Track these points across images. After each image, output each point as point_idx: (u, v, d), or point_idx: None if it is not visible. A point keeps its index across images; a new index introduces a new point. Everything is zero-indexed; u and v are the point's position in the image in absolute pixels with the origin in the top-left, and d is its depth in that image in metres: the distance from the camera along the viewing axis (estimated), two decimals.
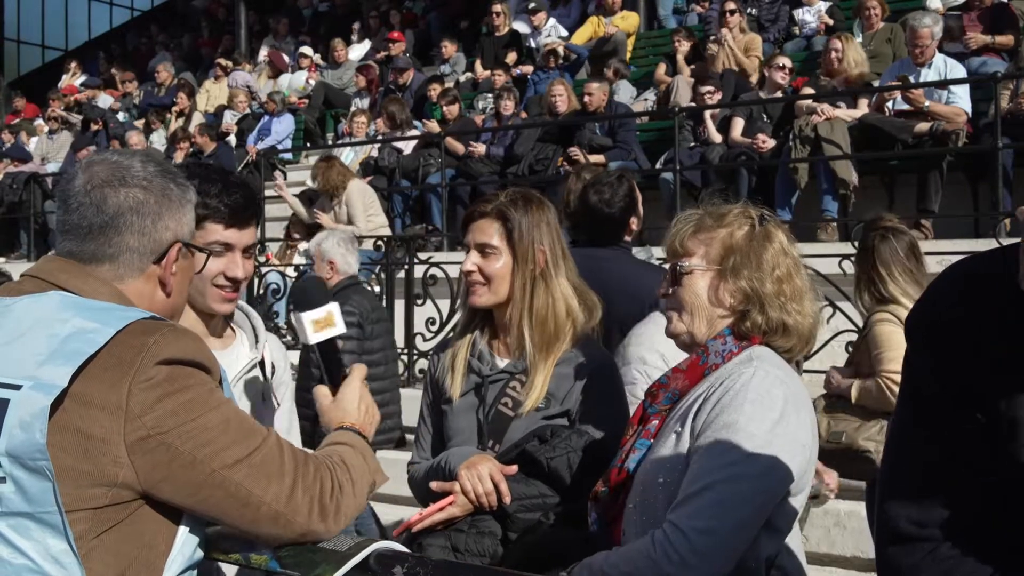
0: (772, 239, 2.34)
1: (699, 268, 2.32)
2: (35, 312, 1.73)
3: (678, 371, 2.36)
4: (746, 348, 2.29)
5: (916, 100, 7.89)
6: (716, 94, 9.58)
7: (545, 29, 12.87)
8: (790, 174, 8.30)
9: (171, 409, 1.67)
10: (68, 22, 27.53)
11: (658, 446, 2.29)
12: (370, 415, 2.12)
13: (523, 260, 2.77)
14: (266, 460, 1.76)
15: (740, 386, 2.17)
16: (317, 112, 14.23)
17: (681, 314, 2.34)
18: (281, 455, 1.78)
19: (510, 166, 10.21)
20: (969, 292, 1.47)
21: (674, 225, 2.42)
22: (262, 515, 1.74)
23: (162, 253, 1.89)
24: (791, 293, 2.31)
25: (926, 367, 1.48)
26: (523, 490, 2.63)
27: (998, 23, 9.20)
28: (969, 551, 1.42)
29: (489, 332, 2.89)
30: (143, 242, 1.86)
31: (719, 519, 2.08)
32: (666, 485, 2.20)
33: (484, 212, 2.83)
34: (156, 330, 1.72)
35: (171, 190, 1.91)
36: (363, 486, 1.91)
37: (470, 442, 2.80)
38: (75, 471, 1.62)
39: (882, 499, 1.52)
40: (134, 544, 1.69)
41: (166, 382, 1.68)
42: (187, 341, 1.75)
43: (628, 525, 2.29)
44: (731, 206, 2.40)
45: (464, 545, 2.61)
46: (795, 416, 2.17)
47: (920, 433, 1.48)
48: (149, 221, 1.86)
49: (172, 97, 15.67)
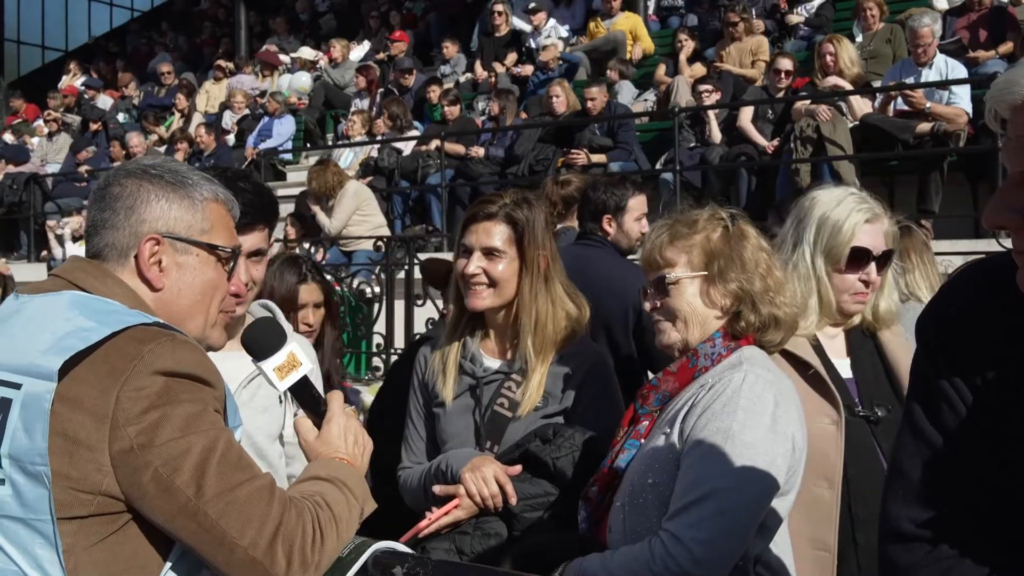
0: (748, 237, 2.37)
1: (685, 277, 2.33)
2: (46, 311, 1.72)
3: (668, 373, 2.38)
4: (735, 350, 2.31)
5: (917, 102, 7.89)
6: (715, 93, 9.59)
7: (545, 29, 12.86)
8: (791, 175, 8.30)
9: (156, 422, 1.61)
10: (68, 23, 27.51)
11: (648, 447, 2.31)
12: (359, 444, 1.98)
13: (531, 264, 2.76)
14: (250, 500, 1.64)
15: (731, 392, 2.19)
16: (317, 113, 14.23)
17: (675, 323, 2.35)
18: (270, 498, 1.66)
19: (510, 167, 10.22)
20: (979, 294, 1.48)
21: (647, 238, 2.45)
22: (236, 559, 1.63)
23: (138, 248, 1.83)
24: (775, 286, 2.35)
25: (935, 367, 1.49)
26: (528, 490, 2.62)
27: (998, 27, 9.20)
28: (968, 551, 1.42)
29: (480, 333, 2.88)
30: (116, 237, 1.82)
31: (719, 529, 2.10)
32: (655, 486, 2.22)
33: (490, 214, 2.79)
34: (153, 338, 1.66)
35: (158, 181, 1.85)
36: (348, 525, 1.79)
37: (466, 444, 2.79)
38: (61, 476, 1.59)
39: (885, 498, 1.53)
40: (125, 563, 1.64)
41: (157, 394, 1.62)
42: (186, 352, 1.69)
43: (614, 523, 2.30)
44: (699, 211, 2.42)
45: (469, 547, 2.60)
46: (786, 417, 2.20)
47: (924, 433, 1.48)
48: (122, 216, 1.83)
49: (172, 98, 15.68)
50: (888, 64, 9.24)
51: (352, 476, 1.89)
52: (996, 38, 9.15)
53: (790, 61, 9.42)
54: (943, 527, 1.44)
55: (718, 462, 2.13)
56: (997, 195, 1.36)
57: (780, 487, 2.18)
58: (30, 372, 1.62)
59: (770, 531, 2.27)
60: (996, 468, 1.40)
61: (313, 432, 1.98)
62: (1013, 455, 1.38)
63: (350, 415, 2.02)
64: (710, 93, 9.55)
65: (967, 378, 1.44)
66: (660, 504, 2.20)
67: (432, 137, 11.03)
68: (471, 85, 13.04)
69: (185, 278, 1.87)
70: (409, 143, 11.35)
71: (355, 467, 1.93)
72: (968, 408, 1.43)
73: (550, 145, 10.00)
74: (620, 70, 11.19)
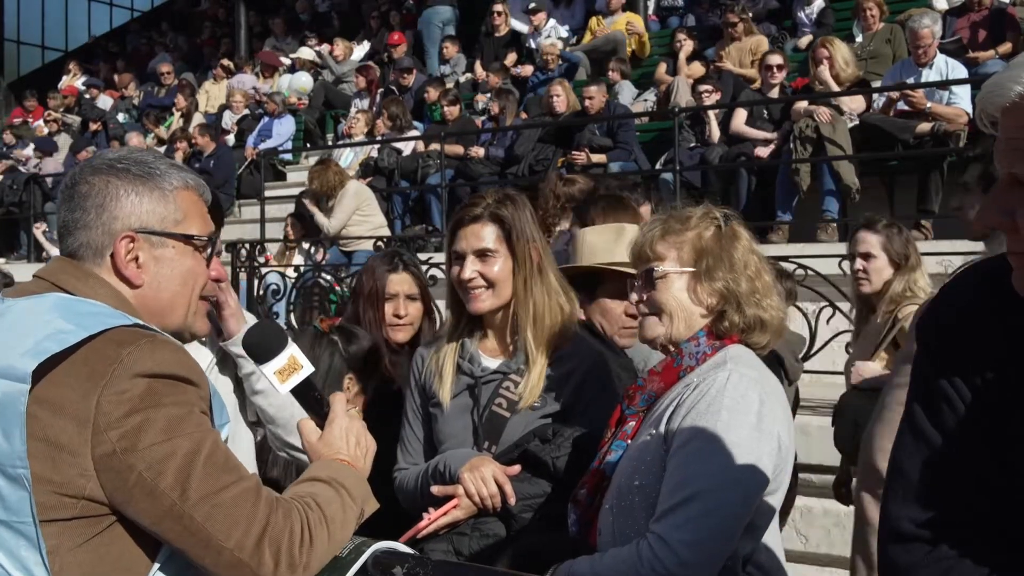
0: (739, 238, 2.38)
1: (673, 271, 2.34)
2: (28, 313, 1.70)
3: (654, 373, 2.39)
4: (720, 349, 2.32)
5: (917, 102, 7.90)
6: (715, 93, 9.59)
7: (545, 30, 12.87)
8: (791, 176, 8.30)
9: (138, 425, 1.59)
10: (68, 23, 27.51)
11: (634, 448, 2.32)
12: (361, 445, 1.97)
13: (522, 259, 2.76)
14: (236, 502, 1.64)
15: (716, 392, 2.19)
16: (317, 113, 14.24)
17: (660, 317, 2.35)
18: (256, 500, 1.66)
19: (510, 167, 10.22)
20: (978, 294, 1.48)
21: (639, 232, 2.46)
22: (223, 560, 1.63)
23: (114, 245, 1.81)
24: (763, 289, 2.35)
25: (934, 367, 1.49)
26: (528, 490, 2.62)
27: (998, 28, 9.20)
28: (968, 551, 1.42)
29: (479, 334, 2.87)
30: (91, 236, 1.80)
31: (705, 529, 2.10)
32: (642, 488, 2.23)
33: (476, 216, 2.78)
34: (132, 341, 1.64)
35: (125, 175, 1.82)
36: (342, 527, 1.77)
37: (464, 445, 2.78)
38: (44, 480, 1.58)
39: (885, 498, 1.53)
40: (111, 565, 1.63)
41: (139, 397, 1.61)
42: (167, 353, 1.67)
43: (603, 526, 2.31)
44: (694, 209, 2.43)
45: (468, 548, 2.59)
46: (771, 416, 2.20)
47: (924, 433, 1.48)
48: (93, 215, 1.80)
49: (172, 98, 15.68)
50: (888, 64, 9.25)
51: (351, 477, 1.87)
52: (996, 38, 9.15)
53: (780, 56, 9.43)
54: (943, 527, 1.44)
55: (703, 463, 2.14)
56: (988, 197, 1.37)
57: (767, 486, 2.19)
58: (6, 374, 1.61)
59: (759, 530, 2.27)
60: (996, 468, 1.40)
61: (316, 433, 1.97)
62: (1013, 455, 1.39)
63: (353, 417, 2.01)
64: (710, 93, 9.55)
65: (967, 378, 1.44)
66: (647, 506, 2.20)
67: (432, 137, 11.03)
68: (471, 85, 13.04)
69: (164, 271, 1.84)
70: (409, 143, 11.35)
71: (356, 468, 1.92)
72: (968, 408, 1.43)
73: (550, 145, 9.99)
74: (620, 70, 11.19)
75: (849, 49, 9.06)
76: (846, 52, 8.90)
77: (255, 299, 8.84)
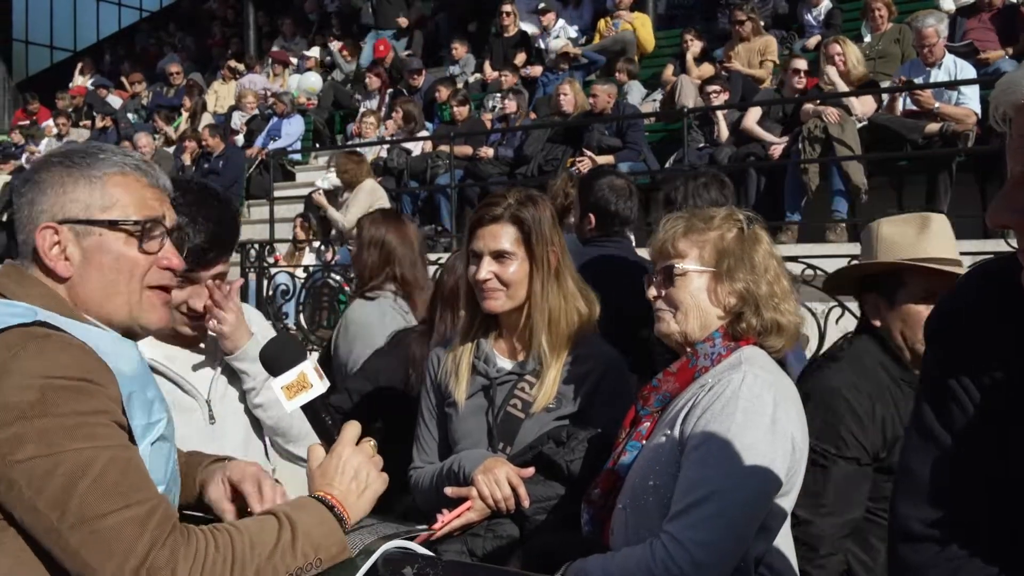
0: (761, 241, 2.39)
1: (694, 269, 2.35)
2: None
3: (668, 374, 2.40)
4: (735, 350, 2.33)
5: (925, 102, 7.88)
6: (723, 94, 9.58)
7: (554, 30, 12.86)
8: (799, 176, 8.29)
9: (19, 437, 1.50)
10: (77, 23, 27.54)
11: (649, 449, 2.32)
12: (359, 480, 1.83)
13: (540, 262, 2.74)
14: (116, 531, 1.51)
15: (731, 393, 2.20)
16: (326, 113, 14.25)
17: (676, 314, 2.37)
18: (140, 530, 1.52)
19: (519, 167, 10.22)
20: (987, 294, 1.48)
21: (661, 228, 2.46)
22: None
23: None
24: (781, 293, 2.36)
25: (943, 368, 1.50)
26: (541, 492, 2.62)
27: (1009, 27, 9.17)
28: (978, 551, 1.43)
29: (494, 335, 2.88)
30: (24, 233, 1.74)
31: (719, 530, 2.11)
32: (656, 488, 2.23)
33: (496, 216, 2.76)
34: (21, 343, 1.55)
35: (57, 167, 1.75)
36: (258, 571, 1.60)
37: (479, 445, 2.78)
38: None
39: (894, 498, 1.54)
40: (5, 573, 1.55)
41: (29, 404, 1.51)
42: (60, 354, 1.56)
43: (616, 526, 2.32)
44: (717, 209, 2.44)
45: (481, 549, 2.59)
46: (786, 418, 2.21)
47: (933, 433, 1.49)
48: (26, 211, 1.74)
49: (181, 98, 15.70)
50: (897, 64, 9.22)
51: (313, 518, 1.73)
52: (1007, 38, 9.12)
53: (804, 61, 9.43)
54: (952, 527, 1.45)
55: (717, 463, 2.14)
56: (1000, 195, 1.37)
57: (780, 487, 2.20)
58: None
59: (772, 531, 2.28)
60: (1005, 468, 1.41)
61: (317, 461, 1.87)
62: (1022, 455, 1.39)
63: (359, 450, 1.88)
64: (718, 93, 9.54)
65: (976, 379, 1.45)
66: (661, 506, 2.21)
67: (442, 138, 11.03)
68: (480, 86, 13.04)
69: (92, 260, 1.74)
70: (418, 143, 11.36)
71: (340, 506, 1.79)
72: (977, 408, 1.44)
73: (560, 145, 9.98)
74: (628, 70, 11.18)
75: (859, 49, 9.06)
76: (857, 52, 8.89)
77: (264, 299, 8.86)
